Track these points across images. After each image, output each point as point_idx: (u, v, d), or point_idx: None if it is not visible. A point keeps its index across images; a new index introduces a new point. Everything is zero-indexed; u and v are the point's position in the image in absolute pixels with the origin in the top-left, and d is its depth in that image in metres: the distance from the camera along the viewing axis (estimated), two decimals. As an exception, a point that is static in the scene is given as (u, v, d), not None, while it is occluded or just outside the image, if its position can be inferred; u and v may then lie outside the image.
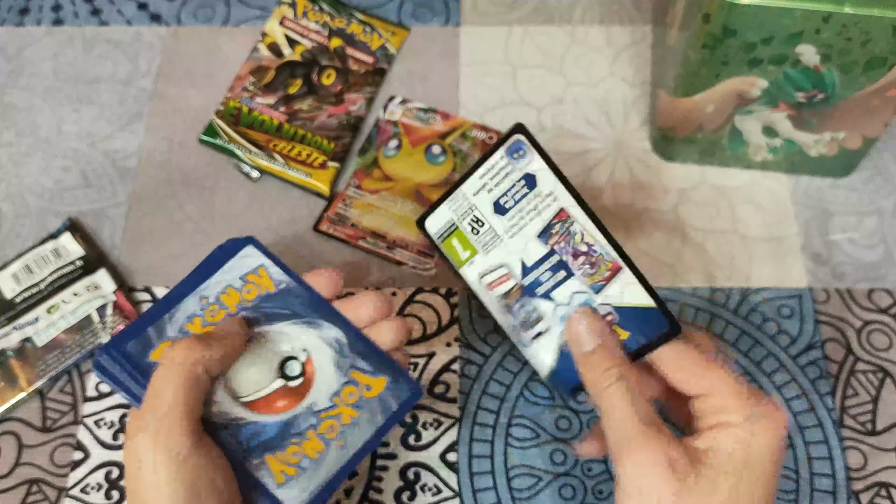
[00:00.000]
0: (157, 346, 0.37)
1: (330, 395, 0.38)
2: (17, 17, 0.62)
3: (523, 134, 0.38)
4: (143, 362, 0.36)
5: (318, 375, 0.38)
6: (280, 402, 0.37)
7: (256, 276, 0.39)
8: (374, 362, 0.39)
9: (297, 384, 0.38)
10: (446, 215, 0.40)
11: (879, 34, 0.42)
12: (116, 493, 0.46)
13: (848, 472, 0.46)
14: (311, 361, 0.38)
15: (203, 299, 0.38)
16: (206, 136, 0.55)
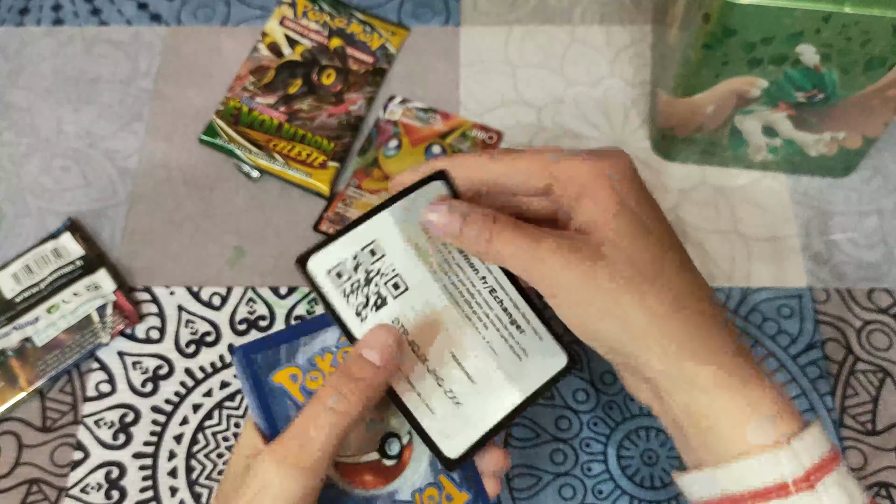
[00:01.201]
0: (283, 368, 0.35)
1: (413, 490, 0.36)
2: (17, 17, 0.62)
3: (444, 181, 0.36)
4: (265, 380, 0.35)
5: (412, 465, 0.37)
6: (368, 476, 0.36)
7: None
8: (466, 476, 0.37)
9: (391, 465, 0.36)
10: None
11: (879, 34, 0.42)
12: (116, 493, 0.46)
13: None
14: (411, 448, 0.37)
15: (342, 337, 0.36)
16: (206, 136, 0.55)
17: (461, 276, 0.36)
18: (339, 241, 0.34)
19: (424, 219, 0.35)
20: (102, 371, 0.49)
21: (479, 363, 0.36)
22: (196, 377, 0.49)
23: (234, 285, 0.52)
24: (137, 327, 0.50)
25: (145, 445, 0.47)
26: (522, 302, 0.37)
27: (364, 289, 0.35)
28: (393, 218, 0.35)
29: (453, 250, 0.36)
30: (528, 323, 0.37)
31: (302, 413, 0.32)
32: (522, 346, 0.36)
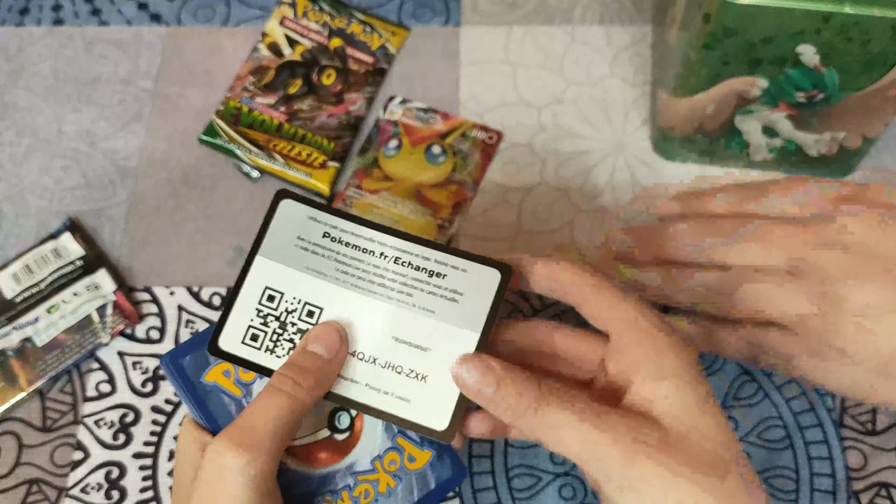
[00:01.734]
0: (213, 366, 0.36)
1: (372, 458, 0.36)
2: (17, 17, 0.62)
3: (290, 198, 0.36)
4: (197, 381, 0.35)
5: (365, 434, 0.37)
6: (322, 453, 0.36)
7: None
8: None
9: (343, 438, 0.36)
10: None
11: (879, 34, 0.42)
12: (116, 493, 0.46)
13: (848, 472, 0.46)
14: (361, 418, 0.37)
15: None
16: (206, 136, 0.55)
17: (361, 268, 0.36)
18: (236, 308, 0.35)
19: (453, 371, 0.34)
20: (102, 371, 0.49)
21: (421, 331, 0.35)
22: (196, 377, 0.49)
23: (229, 282, 0.51)
24: (137, 327, 0.50)
25: (145, 445, 0.47)
26: (429, 250, 0.36)
27: (284, 335, 0.35)
28: (268, 258, 0.35)
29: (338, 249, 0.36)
30: (445, 265, 0.36)
31: (253, 401, 0.33)
32: (452, 288, 0.35)
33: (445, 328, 0.35)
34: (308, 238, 0.36)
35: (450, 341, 0.35)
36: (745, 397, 0.48)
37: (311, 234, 0.36)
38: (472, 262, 0.36)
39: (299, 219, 0.36)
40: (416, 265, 0.36)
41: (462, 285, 0.35)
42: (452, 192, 0.54)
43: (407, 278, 0.36)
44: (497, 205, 0.54)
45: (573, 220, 0.53)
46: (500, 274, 0.35)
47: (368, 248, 0.36)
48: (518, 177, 0.55)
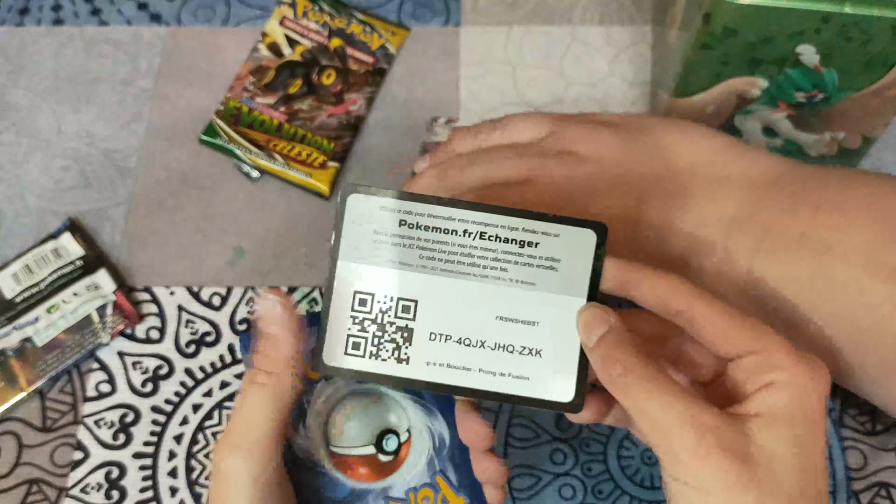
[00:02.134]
0: None
1: (408, 489, 0.36)
2: (17, 17, 0.62)
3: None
4: None
5: (408, 463, 0.37)
6: (362, 469, 0.36)
7: None
8: (463, 480, 0.37)
9: (387, 461, 0.36)
10: None
11: (879, 34, 0.42)
12: (116, 493, 0.46)
13: (848, 472, 0.46)
14: (409, 444, 0.37)
15: None
16: (206, 136, 0.55)
17: (448, 249, 0.34)
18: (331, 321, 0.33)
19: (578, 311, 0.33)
20: (102, 371, 0.49)
21: (525, 305, 0.33)
22: (196, 377, 0.49)
23: (234, 285, 0.52)
24: (137, 327, 0.50)
25: (145, 445, 0.47)
26: (514, 219, 0.34)
27: (385, 337, 0.33)
28: (350, 260, 0.33)
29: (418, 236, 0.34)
30: (535, 233, 0.34)
31: (239, 400, 0.33)
32: (547, 256, 0.34)
33: (550, 298, 0.33)
34: (385, 230, 0.34)
35: (558, 311, 0.33)
36: (745, 397, 0.48)
37: (387, 225, 0.34)
38: (562, 224, 0.33)
39: (371, 211, 0.34)
40: (504, 237, 0.33)
41: (557, 251, 0.33)
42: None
43: (498, 252, 0.33)
44: (497, 205, 0.54)
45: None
46: (594, 233, 0.33)
47: (450, 228, 0.34)
48: (518, 177, 0.55)
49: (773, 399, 0.29)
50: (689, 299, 0.31)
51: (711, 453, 0.28)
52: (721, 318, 0.31)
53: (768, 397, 0.29)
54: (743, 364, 0.31)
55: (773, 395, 0.29)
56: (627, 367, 0.30)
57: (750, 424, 0.29)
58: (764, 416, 0.29)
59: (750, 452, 0.28)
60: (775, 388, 0.29)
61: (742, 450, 0.28)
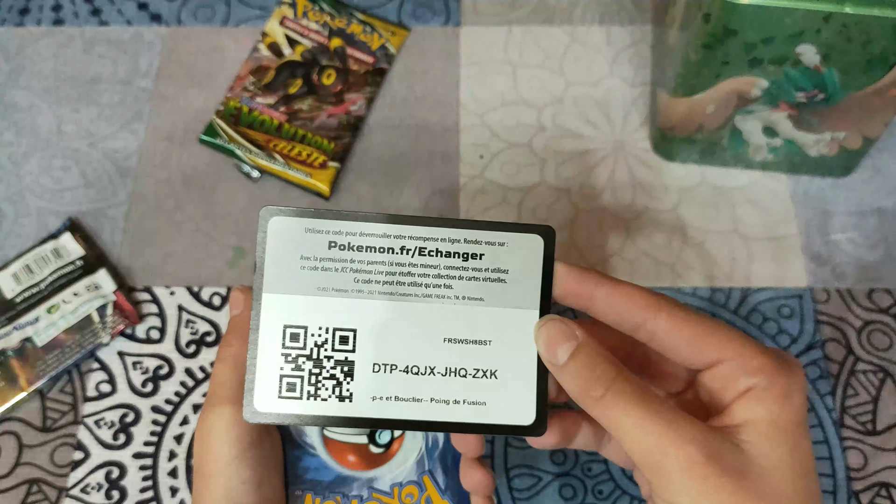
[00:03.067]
0: None
1: (393, 483, 0.36)
2: (17, 17, 0.62)
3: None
4: None
5: (397, 458, 0.36)
6: (351, 456, 0.36)
7: None
8: (451, 484, 0.36)
9: (377, 452, 0.36)
10: None
11: (879, 34, 0.42)
12: (116, 493, 0.46)
13: (848, 472, 0.46)
14: (401, 440, 0.37)
15: None
16: (206, 136, 0.55)
17: (385, 270, 0.31)
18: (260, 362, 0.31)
19: (535, 332, 0.31)
20: (102, 371, 0.49)
21: (473, 324, 0.31)
22: (196, 377, 0.49)
23: (234, 285, 0.52)
24: (137, 327, 0.50)
25: (145, 445, 0.47)
26: (455, 231, 0.31)
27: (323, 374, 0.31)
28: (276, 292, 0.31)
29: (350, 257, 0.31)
30: (479, 243, 0.31)
31: (212, 371, 0.36)
32: (494, 268, 0.31)
33: (501, 313, 0.31)
34: (313, 254, 0.31)
35: (510, 327, 0.31)
36: (745, 397, 0.48)
37: (315, 248, 0.31)
38: (507, 232, 0.31)
39: (296, 235, 0.31)
40: (446, 251, 0.31)
41: (504, 261, 0.31)
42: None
43: (440, 269, 0.31)
44: (497, 205, 0.54)
45: (573, 220, 0.53)
46: (541, 238, 0.31)
47: (385, 247, 0.31)
48: (518, 177, 0.55)
49: (754, 405, 0.28)
50: (649, 311, 0.30)
51: (708, 470, 0.27)
52: (686, 328, 0.29)
53: (750, 404, 0.28)
54: (716, 373, 0.29)
55: (755, 402, 0.28)
56: (607, 385, 0.29)
57: (738, 435, 0.28)
58: (750, 425, 0.28)
59: (744, 464, 0.27)
60: (755, 394, 0.28)
61: (736, 463, 0.27)
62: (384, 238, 0.31)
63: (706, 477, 0.26)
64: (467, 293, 0.31)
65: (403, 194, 0.54)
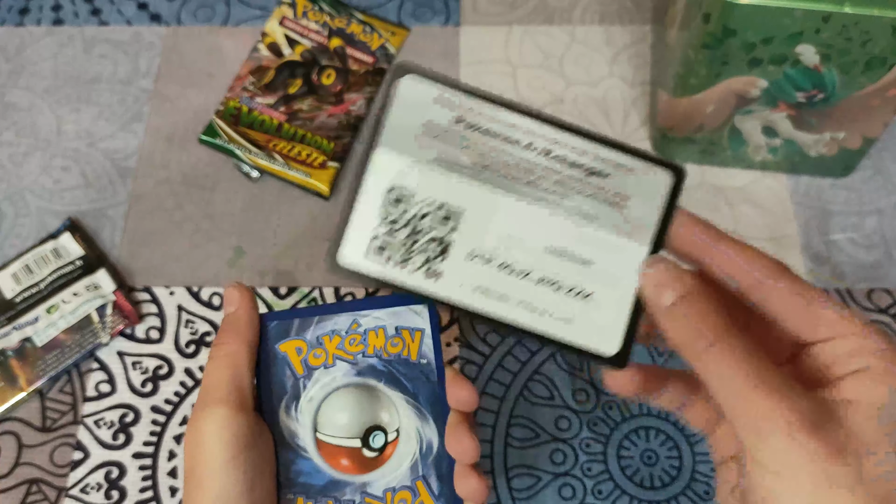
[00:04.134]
0: (290, 339, 0.37)
1: (386, 488, 0.36)
2: (17, 17, 0.62)
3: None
4: (271, 346, 0.36)
5: (391, 463, 0.36)
6: (344, 460, 0.36)
7: (410, 336, 0.36)
8: (445, 491, 0.36)
9: (371, 457, 0.36)
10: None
11: (879, 34, 0.42)
12: (116, 493, 0.46)
13: (848, 473, 0.46)
14: (395, 445, 0.36)
15: (354, 324, 0.36)
16: (206, 136, 0.55)
17: (506, 159, 0.30)
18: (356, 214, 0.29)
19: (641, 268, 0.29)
20: (102, 371, 0.49)
21: (581, 240, 0.30)
22: (196, 377, 0.49)
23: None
24: (137, 327, 0.50)
25: (145, 445, 0.47)
26: (588, 143, 0.30)
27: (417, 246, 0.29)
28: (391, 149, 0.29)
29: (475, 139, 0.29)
30: (607, 162, 0.30)
31: (204, 371, 0.35)
32: (616, 191, 0.30)
33: (609, 238, 0.30)
34: (438, 124, 0.29)
35: (616, 255, 0.30)
36: (744, 397, 0.48)
37: (442, 119, 0.29)
38: (639, 159, 0.30)
39: (425, 100, 0.29)
40: (573, 161, 0.30)
41: (627, 187, 0.30)
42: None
43: (562, 176, 0.30)
44: (497, 205, 0.54)
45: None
46: (672, 176, 0.30)
47: (513, 137, 0.30)
48: (518, 177, 0.55)
49: (867, 386, 0.27)
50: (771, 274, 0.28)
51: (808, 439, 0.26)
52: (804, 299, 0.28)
53: (860, 384, 0.27)
54: (829, 347, 0.28)
55: (868, 383, 0.27)
56: (717, 336, 0.27)
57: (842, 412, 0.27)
58: (856, 404, 0.27)
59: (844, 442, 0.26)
60: (869, 375, 0.27)
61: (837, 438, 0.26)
62: (514, 129, 0.30)
63: (805, 445, 0.26)
64: (583, 208, 0.30)
65: (403, 194, 0.54)
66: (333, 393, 0.36)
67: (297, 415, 0.36)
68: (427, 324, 0.37)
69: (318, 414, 0.36)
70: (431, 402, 0.37)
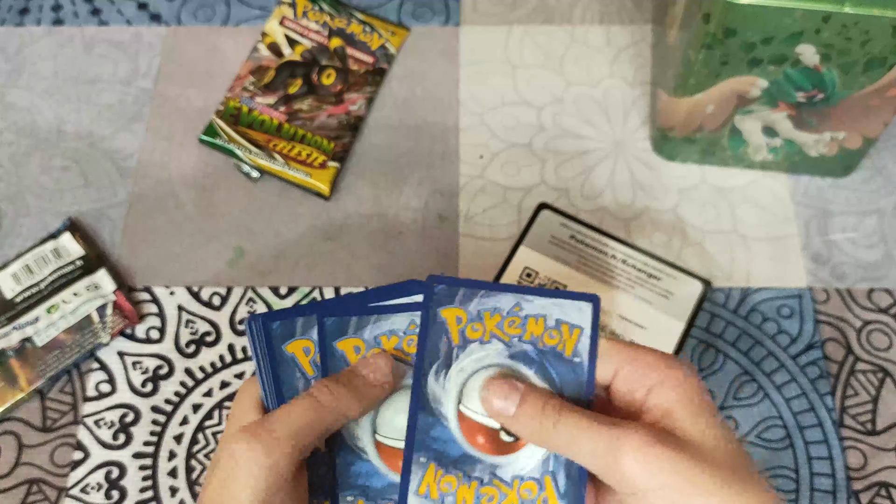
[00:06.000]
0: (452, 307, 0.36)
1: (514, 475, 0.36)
2: (17, 17, 0.62)
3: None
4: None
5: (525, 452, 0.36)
6: (481, 438, 0.36)
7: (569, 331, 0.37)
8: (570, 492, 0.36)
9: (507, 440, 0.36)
10: None
11: (879, 34, 0.42)
12: (116, 493, 0.46)
13: (848, 472, 0.46)
14: None
15: (517, 307, 0.36)
16: (206, 136, 0.55)
17: (597, 263, 0.49)
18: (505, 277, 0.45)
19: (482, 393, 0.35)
20: (102, 371, 0.49)
21: (641, 314, 0.48)
22: (196, 377, 0.49)
23: (234, 285, 0.52)
24: (137, 327, 0.50)
25: (145, 445, 0.47)
26: (649, 259, 0.50)
27: None
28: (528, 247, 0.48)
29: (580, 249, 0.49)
30: (660, 271, 0.49)
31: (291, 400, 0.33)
32: (665, 288, 0.49)
33: (659, 316, 0.48)
34: (559, 237, 0.51)
35: (661, 327, 0.46)
36: (745, 397, 0.48)
37: (562, 234, 0.51)
38: (680, 272, 0.49)
39: (553, 223, 0.51)
40: (639, 268, 0.49)
41: (673, 288, 0.49)
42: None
43: (631, 275, 0.49)
44: (497, 205, 0.54)
45: (573, 220, 0.53)
46: (702, 286, 0.47)
47: (603, 251, 0.50)
48: (518, 177, 0.55)
49: (665, 396, 0.32)
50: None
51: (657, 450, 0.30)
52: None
53: (660, 396, 0.32)
54: (620, 378, 0.34)
55: (664, 393, 0.32)
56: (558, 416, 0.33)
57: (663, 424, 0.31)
58: (667, 413, 0.32)
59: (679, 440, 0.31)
60: (660, 387, 0.32)
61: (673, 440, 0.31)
62: (605, 246, 0.50)
63: (658, 457, 0.30)
64: (643, 296, 0.49)
65: (403, 194, 0.54)
66: (482, 370, 0.36)
67: (444, 382, 0.36)
68: (588, 323, 0.36)
69: (465, 386, 0.36)
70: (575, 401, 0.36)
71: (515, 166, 0.55)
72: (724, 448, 0.31)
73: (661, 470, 0.30)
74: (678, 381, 0.32)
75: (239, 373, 0.49)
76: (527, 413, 0.33)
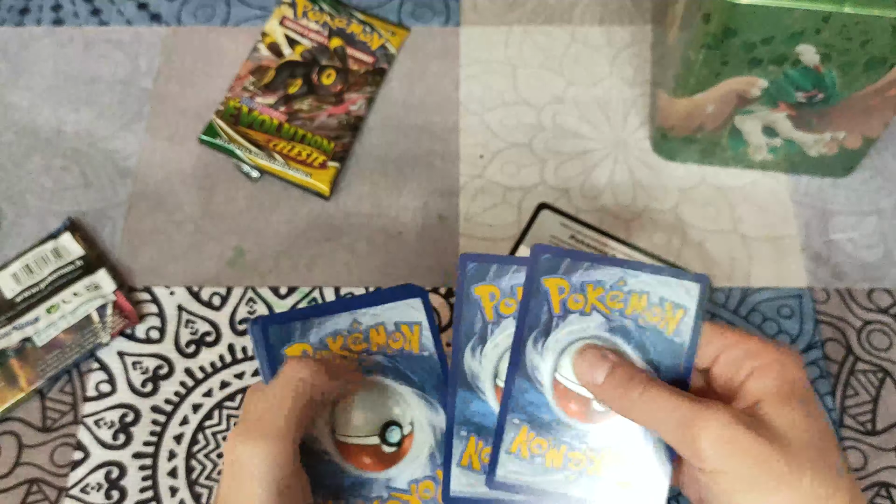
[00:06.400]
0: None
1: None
2: (17, 17, 0.62)
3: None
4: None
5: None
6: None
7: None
8: None
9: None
10: None
11: (879, 34, 0.42)
12: (116, 493, 0.46)
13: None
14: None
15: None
16: (206, 136, 0.55)
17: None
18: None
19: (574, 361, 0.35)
20: (102, 371, 0.49)
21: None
22: (196, 377, 0.49)
23: (234, 285, 0.52)
24: (137, 327, 0.50)
25: (145, 445, 0.47)
26: (644, 256, 0.48)
27: None
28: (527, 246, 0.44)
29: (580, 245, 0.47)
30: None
31: (267, 389, 0.33)
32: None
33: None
34: (559, 237, 0.51)
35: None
36: (745, 397, 0.48)
37: (562, 234, 0.51)
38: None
39: (553, 223, 0.51)
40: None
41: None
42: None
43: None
44: (497, 205, 0.54)
45: (573, 220, 0.53)
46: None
47: (603, 251, 0.49)
48: (518, 177, 0.55)
49: (762, 382, 0.32)
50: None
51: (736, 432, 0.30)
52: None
53: (756, 382, 0.32)
54: (721, 363, 0.34)
55: (761, 379, 0.32)
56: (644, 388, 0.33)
57: (754, 410, 0.31)
58: (761, 399, 0.31)
59: (764, 428, 0.30)
60: (759, 373, 0.32)
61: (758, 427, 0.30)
62: (604, 245, 0.50)
63: (736, 438, 0.30)
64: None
65: (403, 194, 0.54)
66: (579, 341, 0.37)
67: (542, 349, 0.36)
68: (694, 304, 0.37)
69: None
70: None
71: (515, 166, 0.55)
72: (809, 440, 0.31)
73: (738, 451, 0.30)
74: (777, 369, 0.32)
75: (239, 373, 0.49)
76: (614, 382, 0.34)
